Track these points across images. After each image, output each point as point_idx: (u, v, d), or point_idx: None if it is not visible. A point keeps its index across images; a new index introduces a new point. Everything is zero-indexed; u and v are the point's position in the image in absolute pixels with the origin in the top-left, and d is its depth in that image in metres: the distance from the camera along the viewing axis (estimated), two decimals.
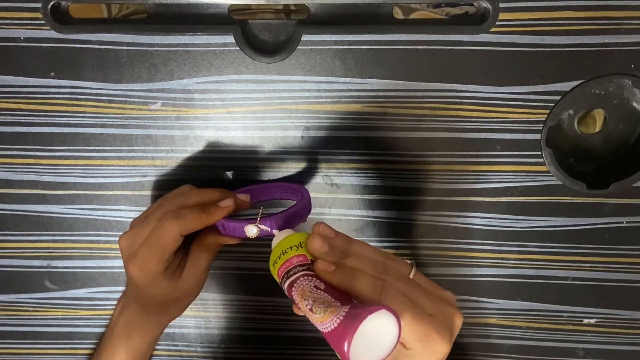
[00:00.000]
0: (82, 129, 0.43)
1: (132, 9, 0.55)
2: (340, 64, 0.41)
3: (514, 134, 0.42)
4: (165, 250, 0.37)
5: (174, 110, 0.43)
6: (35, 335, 0.48)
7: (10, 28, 0.41)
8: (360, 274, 0.31)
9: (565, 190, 0.43)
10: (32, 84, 0.42)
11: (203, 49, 0.41)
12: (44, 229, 0.45)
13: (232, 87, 0.42)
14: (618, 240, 0.44)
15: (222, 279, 0.47)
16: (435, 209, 0.44)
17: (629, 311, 0.46)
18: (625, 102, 0.42)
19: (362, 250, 0.33)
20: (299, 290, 0.30)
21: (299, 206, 0.38)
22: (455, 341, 0.47)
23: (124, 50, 0.41)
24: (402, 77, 0.42)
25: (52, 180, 0.44)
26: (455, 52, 0.41)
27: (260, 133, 0.43)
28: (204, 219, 0.37)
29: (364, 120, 0.42)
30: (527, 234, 0.45)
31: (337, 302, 0.28)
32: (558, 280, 0.46)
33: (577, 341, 0.47)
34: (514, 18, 0.40)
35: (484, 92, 0.42)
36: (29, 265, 0.46)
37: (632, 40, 0.40)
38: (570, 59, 0.41)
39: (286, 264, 0.32)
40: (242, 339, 0.48)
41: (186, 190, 0.40)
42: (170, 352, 0.49)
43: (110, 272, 0.47)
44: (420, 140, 0.43)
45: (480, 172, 0.43)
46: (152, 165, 0.44)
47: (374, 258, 0.33)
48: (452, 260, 0.45)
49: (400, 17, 0.56)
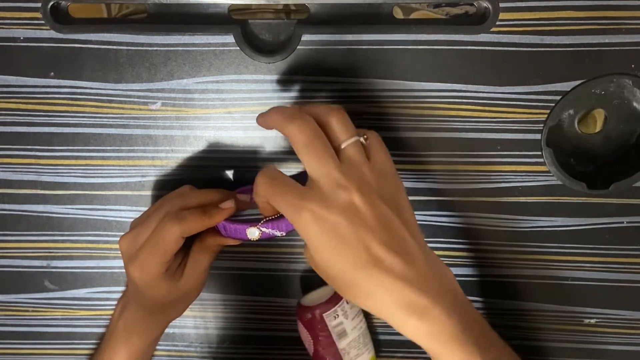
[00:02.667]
0: (82, 129, 0.43)
1: (132, 8, 0.55)
2: (341, 64, 0.41)
3: (514, 134, 0.42)
4: (166, 252, 0.37)
5: (174, 110, 0.43)
6: (35, 335, 0.48)
7: (10, 28, 0.41)
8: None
9: (566, 191, 0.43)
10: (31, 84, 0.42)
11: (203, 49, 0.41)
12: (44, 229, 0.45)
13: (232, 87, 0.42)
14: (618, 241, 0.44)
15: (222, 279, 0.47)
16: (436, 209, 0.44)
17: (629, 311, 0.46)
18: (625, 102, 0.42)
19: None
20: None
21: None
22: None
23: (123, 50, 0.41)
24: (402, 77, 0.42)
25: (52, 180, 0.44)
26: (455, 52, 0.41)
27: (260, 133, 0.43)
28: (205, 221, 0.37)
29: (364, 120, 0.42)
30: (527, 234, 0.45)
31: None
32: (558, 280, 0.46)
33: (577, 341, 0.47)
34: (514, 18, 0.40)
35: (484, 92, 0.42)
36: (28, 265, 0.46)
37: (632, 40, 0.40)
38: (570, 59, 0.41)
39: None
40: (242, 339, 0.48)
41: (186, 192, 0.40)
42: (170, 352, 0.49)
43: (110, 272, 0.47)
44: (420, 140, 0.43)
45: (480, 172, 0.43)
46: (152, 165, 0.44)
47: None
48: (452, 260, 0.45)
49: (400, 17, 0.56)
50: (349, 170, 0.32)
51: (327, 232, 0.31)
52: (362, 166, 0.33)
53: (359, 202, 0.31)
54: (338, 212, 0.31)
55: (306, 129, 0.32)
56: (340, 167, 0.32)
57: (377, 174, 0.33)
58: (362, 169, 0.32)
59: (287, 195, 0.32)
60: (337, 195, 0.31)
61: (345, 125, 0.34)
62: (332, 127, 0.33)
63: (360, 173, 0.32)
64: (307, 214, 0.31)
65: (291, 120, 0.32)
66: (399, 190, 0.34)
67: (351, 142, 0.33)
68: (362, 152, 0.33)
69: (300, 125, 0.32)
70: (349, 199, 0.31)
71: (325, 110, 0.34)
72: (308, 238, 0.32)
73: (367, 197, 0.31)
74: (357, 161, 0.33)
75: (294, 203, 0.31)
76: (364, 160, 0.33)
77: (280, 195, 0.32)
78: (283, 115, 0.33)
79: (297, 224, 0.32)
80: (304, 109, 0.34)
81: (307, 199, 0.31)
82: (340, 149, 0.33)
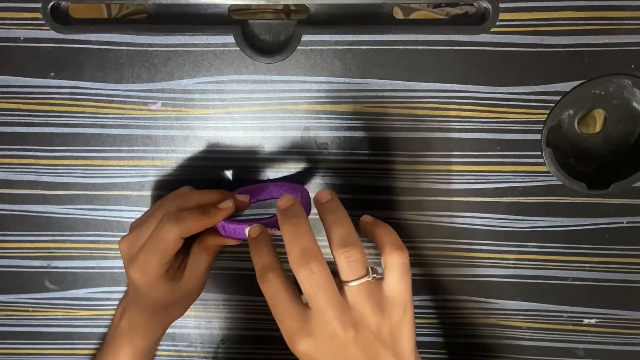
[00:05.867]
0: (82, 129, 0.43)
1: (132, 9, 0.55)
2: (340, 64, 0.41)
3: (514, 134, 0.42)
4: (165, 253, 0.37)
5: (174, 110, 0.43)
6: (35, 335, 0.48)
7: (10, 28, 0.41)
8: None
9: (566, 191, 0.43)
10: (32, 84, 0.42)
11: (203, 49, 0.41)
12: (44, 229, 0.45)
13: (232, 87, 0.42)
14: (618, 241, 0.44)
15: (222, 279, 0.47)
16: (435, 209, 0.44)
17: (629, 311, 0.46)
18: (625, 102, 0.42)
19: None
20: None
21: None
22: (455, 341, 0.47)
23: (124, 50, 0.41)
24: (402, 77, 0.42)
25: (52, 181, 0.44)
26: (455, 52, 0.41)
27: (260, 133, 0.43)
28: (204, 221, 0.37)
29: (364, 120, 0.42)
30: (527, 234, 0.45)
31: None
32: (558, 281, 0.46)
33: (577, 341, 0.47)
34: (514, 18, 0.40)
35: (484, 92, 0.42)
36: (29, 265, 0.46)
37: (632, 40, 0.40)
38: (570, 59, 0.41)
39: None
40: (242, 339, 0.48)
41: (185, 192, 0.40)
42: (170, 352, 0.49)
43: (110, 272, 0.47)
44: (420, 140, 0.43)
45: (480, 172, 0.43)
46: (152, 165, 0.44)
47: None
48: (452, 260, 0.45)
49: (400, 17, 0.56)
50: (350, 313, 0.33)
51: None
52: (365, 308, 0.33)
53: (353, 348, 0.32)
54: (331, 353, 0.32)
55: (322, 275, 0.32)
56: (342, 306, 0.32)
57: (380, 309, 0.33)
58: (365, 310, 0.33)
59: (285, 321, 0.33)
60: (332, 336, 0.32)
61: (358, 262, 0.33)
62: (340, 264, 0.33)
63: (360, 315, 0.33)
64: (302, 348, 0.33)
65: (306, 265, 0.32)
66: (401, 324, 0.34)
67: (358, 284, 0.33)
68: (370, 291, 0.33)
69: (315, 270, 0.32)
70: (343, 342, 0.32)
71: (339, 244, 0.33)
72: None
73: (361, 342, 0.32)
74: (360, 304, 0.33)
75: (292, 334, 0.33)
76: (369, 298, 0.33)
77: (280, 316, 0.34)
78: (297, 254, 0.33)
79: (292, 349, 0.33)
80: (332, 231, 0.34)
81: (303, 334, 0.33)
82: (347, 285, 0.33)
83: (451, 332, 0.47)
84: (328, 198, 0.36)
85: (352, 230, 0.34)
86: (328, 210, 0.35)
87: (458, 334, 0.47)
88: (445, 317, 0.47)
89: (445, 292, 0.46)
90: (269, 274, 0.34)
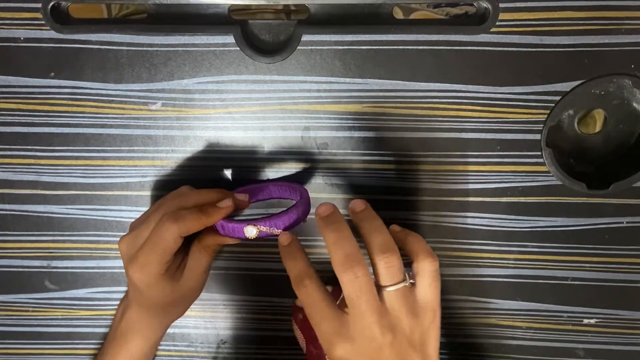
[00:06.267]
0: (82, 129, 0.43)
1: (132, 9, 0.55)
2: (340, 64, 0.41)
3: (514, 134, 0.42)
4: (165, 252, 0.37)
5: (174, 110, 0.43)
6: (35, 335, 0.48)
7: (10, 28, 0.41)
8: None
9: (565, 191, 0.43)
10: (32, 84, 0.42)
11: (203, 49, 0.41)
12: (44, 229, 0.45)
13: (232, 87, 0.42)
14: (618, 241, 0.44)
15: (222, 279, 0.47)
16: (435, 209, 0.44)
17: (629, 311, 0.46)
18: (625, 102, 0.42)
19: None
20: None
21: (298, 206, 0.38)
22: (455, 341, 0.47)
23: (124, 51, 0.41)
24: (402, 77, 0.42)
25: (52, 181, 0.44)
26: (455, 52, 0.41)
27: (260, 133, 0.43)
28: (204, 220, 0.37)
29: (364, 120, 0.42)
30: (527, 234, 0.45)
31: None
32: (558, 280, 0.46)
33: (577, 341, 0.47)
34: (514, 18, 0.40)
35: (484, 92, 0.42)
36: (29, 265, 0.46)
37: (632, 40, 0.40)
38: (570, 59, 0.41)
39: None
40: (242, 339, 0.48)
41: (185, 192, 0.40)
42: (170, 352, 0.49)
43: (110, 272, 0.47)
44: (420, 140, 0.43)
45: (480, 172, 0.43)
46: (152, 165, 0.44)
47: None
48: (452, 260, 0.45)
49: (400, 17, 0.56)
50: (388, 318, 0.34)
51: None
52: (401, 313, 0.34)
53: (388, 352, 0.33)
54: (367, 356, 0.33)
55: (365, 279, 0.33)
56: (381, 310, 0.33)
57: (414, 314, 0.34)
58: (401, 315, 0.34)
59: (322, 324, 0.34)
60: (371, 339, 0.33)
61: (396, 268, 0.34)
62: (379, 270, 0.34)
63: (397, 320, 0.34)
64: (339, 351, 0.33)
65: (350, 269, 0.33)
66: (430, 329, 0.35)
67: (395, 289, 0.34)
68: (405, 296, 0.34)
69: (359, 275, 0.33)
70: (380, 345, 0.33)
71: (379, 250, 0.34)
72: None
73: (397, 346, 0.33)
74: (397, 309, 0.34)
75: (329, 337, 0.34)
76: (405, 303, 0.34)
77: (317, 319, 0.34)
78: (341, 258, 0.34)
79: (329, 352, 0.34)
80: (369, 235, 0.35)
81: (341, 338, 0.33)
82: (385, 290, 0.34)
83: (451, 332, 0.47)
84: (363, 207, 0.37)
85: (390, 237, 0.35)
86: (365, 219, 0.36)
87: (458, 334, 0.47)
88: (445, 317, 0.47)
89: (445, 292, 0.46)
90: (305, 280, 0.34)
